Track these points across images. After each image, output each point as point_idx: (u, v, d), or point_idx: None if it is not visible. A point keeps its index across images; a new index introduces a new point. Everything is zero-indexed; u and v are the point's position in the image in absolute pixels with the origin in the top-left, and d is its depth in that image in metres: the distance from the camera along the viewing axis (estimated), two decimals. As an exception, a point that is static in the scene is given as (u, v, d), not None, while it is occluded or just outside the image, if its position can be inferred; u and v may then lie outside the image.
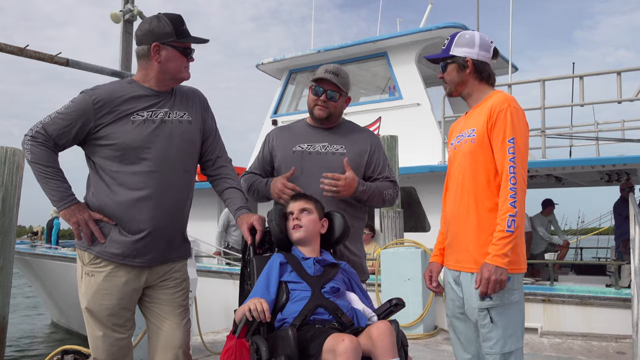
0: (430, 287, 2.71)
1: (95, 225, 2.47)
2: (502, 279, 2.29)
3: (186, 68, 2.60)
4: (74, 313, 12.01)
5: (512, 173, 2.34)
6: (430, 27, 9.29)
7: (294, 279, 2.46)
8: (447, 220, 2.68)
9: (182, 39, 2.54)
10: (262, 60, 11.10)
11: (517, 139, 2.39)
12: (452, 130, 2.79)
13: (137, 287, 2.54)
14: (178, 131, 2.58)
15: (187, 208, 2.70)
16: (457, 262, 2.56)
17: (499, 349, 2.40)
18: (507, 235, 2.31)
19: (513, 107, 2.44)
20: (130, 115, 2.49)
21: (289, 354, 2.12)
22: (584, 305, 6.12)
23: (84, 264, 2.52)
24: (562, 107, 9.05)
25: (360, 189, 2.79)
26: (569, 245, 10.15)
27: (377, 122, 9.87)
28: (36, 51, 3.98)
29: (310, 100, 2.95)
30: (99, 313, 2.49)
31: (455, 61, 2.58)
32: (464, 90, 2.63)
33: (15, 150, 6.34)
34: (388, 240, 7.09)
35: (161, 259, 2.58)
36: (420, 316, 6.14)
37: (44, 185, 2.44)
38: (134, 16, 4.80)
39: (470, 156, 2.52)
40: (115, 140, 2.46)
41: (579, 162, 7.92)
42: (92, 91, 2.50)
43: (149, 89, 2.57)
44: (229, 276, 8.61)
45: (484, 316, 2.42)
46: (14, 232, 6.39)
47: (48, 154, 2.44)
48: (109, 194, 2.48)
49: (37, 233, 15.46)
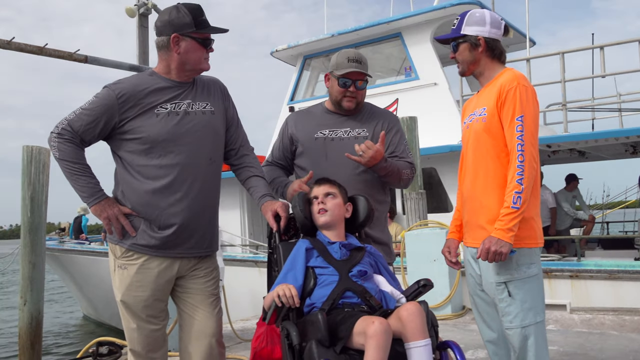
0: (450, 264, 2.75)
1: (125, 220, 2.50)
2: (502, 251, 2.34)
3: (206, 59, 2.60)
4: (104, 306, 12.26)
5: (520, 151, 2.38)
6: (444, 5, 9.17)
7: (320, 263, 2.47)
8: (463, 198, 2.72)
9: (201, 29, 2.53)
10: (276, 47, 11.07)
11: (525, 117, 2.41)
12: (464, 109, 2.80)
13: (169, 278, 2.58)
14: (202, 122, 2.59)
15: (216, 198, 2.71)
16: (475, 239, 2.59)
17: (519, 323, 2.44)
18: (513, 211, 2.35)
19: (522, 85, 2.45)
20: (154, 108, 2.51)
21: (319, 338, 2.14)
22: (612, 279, 6.04)
23: (116, 257, 2.56)
24: (583, 80, 8.90)
25: (382, 164, 2.76)
26: (595, 220, 10.01)
27: (395, 104, 9.80)
28: (55, 49, 4.02)
29: (337, 92, 2.90)
30: (134, 305, 2.52)
31: (467, 40, 2.59)
32: (477, 69, 2.64)
33: (40, 149, 6.44)
34: (412, 222, 7.07)
35: (193, 251, 2.60)
36: (447, 297, 6.15)
37: (74, 182, 2.47)
38: (148, 9, 4.81)
39: (482, 135, 2.54)
40: (141, 134, 2.48)
41: (602, 134, 7.78)
42: (115, 85, 2.52)
43: (170, 80, 2.58)
44: (254, 264, 8.68)
45: (502, 290, 2.46)
46: (43, 229, 6.53)
47: (75, 151, 2.47)
48: (137, 187, 2.51)
49: (65, 229, 15.73)
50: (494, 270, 2.46)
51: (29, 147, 6.48)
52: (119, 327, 12.59)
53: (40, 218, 6.44)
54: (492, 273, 2.47)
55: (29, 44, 3.88)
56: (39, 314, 6.43)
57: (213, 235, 2.72)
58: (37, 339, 6.41)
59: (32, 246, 6.37)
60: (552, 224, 9.08)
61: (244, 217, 11.33)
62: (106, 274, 10.87)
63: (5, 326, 13.95)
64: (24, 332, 6.33)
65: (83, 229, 14.65)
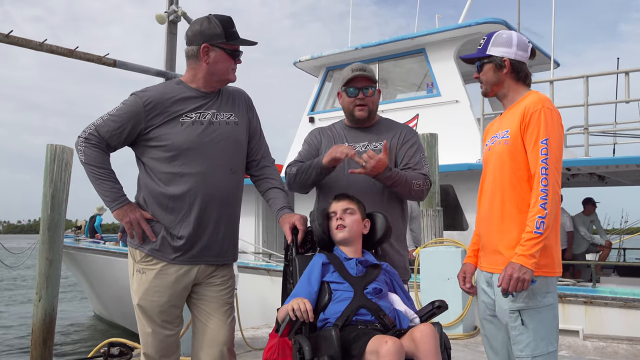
0: (464, 288, 2.70)
1: (146, 225, 2.54)
2: (525, 278, 2.27)
3: (233, 70, 2.64)
4: (116, 306, 12.33)
5: (544, 175, 2.32)
6: (469, 23, 9.19)
7: (336, 279, 2.48)
8: (481, 221, 2.66)
9: (231, 41, 2.57)
10: (299, 57, 11.14)
11: (550, 140, 2.35)
12: (487, 131, 2.76)
13: (186, 285, 2.60)
14: (226, 132, 2.62)
15: (237, 208, 2.72)
16: (490, 264, 2.55)
17: (530, 352, 2.38)
18: (536, 236, 2.29)
19: (547, 108, 2.40)
20: (180, 117, 2.55)
21: (332, 354, 2.14)
22: (628, 307, 5.97)
23: (136, 262, 2.59)
24: (606, 104, 8.83)
25: (387, 174, 2.72)
26: (612, 246, 9.89)
27: (415, 119, 9.81)
28: (85, 53, 4.10)
29: (348, 103, 2.94)
30: (150, 310, 2.55)
31: (492, 61, 2.55)
32: (500, 90, 2.60)
33: (64, 148, 6.55)
34: (428, 239, 7.05)
35: (211, 259, 2.62)
36: (460, 316, 6.10)
37: (98, 186, 2.53)
38: (178, 17, 4.89)
39: (503, 157, 2.50)
40: (166, 141, 2.52)
41: (623, 160, 7.71)
42: (143, 93, 2.56)
43: (197, 90, 2.62)
44: (266, 272, 8.70)
45: (515, 318, 2.40)
46: (62, 228, 6.62)
47: (101, 156, 2.53)
48: (158, 194, 2.55)
49: (81, 227, 15.90)
50: (509, 297, 2.40)
51: (52, 146, 6.60)
52: (130, 328, 12.62)
53: (59, 216, 6.54)
54: (506, 300, 2.41)
55: (60, 46, 3.96)
56: (53, 310, 6.52)
57: (232, 244, 2.74)
58: (49, 335, 6.49)
59: (50, 243, 6.46)
60: (568, 247, 8.99)
61: (259, 225, 11.37)
62: (120, 274, 10.93)
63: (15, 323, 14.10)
64: (37, 327, 6.42)
65: (96, 228, 14.83)
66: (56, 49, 3.94)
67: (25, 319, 13.43)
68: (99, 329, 13.47)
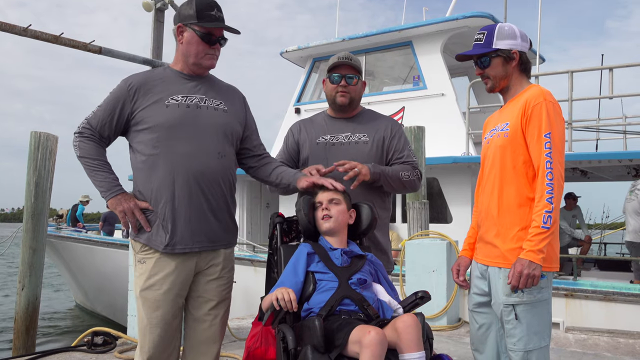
0: (457, 281, 2.71)
1: (141, 214, 2.50)
2: (535, 274, 2.27)
3: (210, 56, 2.60)
4: (98, 296, 12.26)
5: (549, 168, 2.31)
6: (456, 17, 9.19)
7: (321, 269, 2.48)
8: (479, 214, 2.67)
9: (202, 22, 2.54)
10: (286, 48, 11.10)
11: (553, 134, 2.35)
12: (486, 124, 2.76)
13: (187, 274, 2.56)
14: (213, 116, 2.60)
15: (227, 192, 2.65)
16: (486, 256, 2.55)
17: (522, 346, 2.39)
18: (544, 231, 2.28)
19: (549, 102, 2.39)
20: (165, 99, 2.53)
21: (315, 343, 2.15)
22: (607, 301, 6.07)
23: (136, 252, 2.57)
24: (590, 100, 8.92)
25: (373, 170, 2.78)
26: (592, 241, 10.03)
27: (401, 112, 9.84)
28: (70, 39, 4.04)
29: (330, 89, 2.96)
30: (151, 299, 2.50)
31: (500, 54, 2.52)
32: (507, 84, 2.57)
33: (48, 136, 6.48)
34: (413, 231, 7.09)
35: (205, 245, 2.57)
36: (444, 308, 6.16)
37: (92, 177, 2.51)
38: (165, 4, 4.85)
39: (502, 150, 2.49)
40: (150, 123, 2.50)
41: (605, 155, 7.81)
42: (128, 78, 2.59)
43: (181, 72, 2.63)
44: (250, 262, 8.70)
45: (509, 312, 2.41)
46: (46, 216, 6.56)
47: (95, 148, 2.53)
48: (145, 179, 2.53)
49: (62, 216, 15.76)
50: (504, 291, 2.41)
51: (36, 133, 6.53)
52: (110, 318, 12.52)
53: (43, 204, 6.47)
54: (502, 294, 2.42)
55: (45, 32, 3.91)
56: (36, 299, 6.47)
57: (228, 227, 2.68)
58: (32, 324, 6.45)
59: (34, 232, 6.40)
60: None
61: (243, 216, 11.36)
62: (101, 263, 10.87)
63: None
64: (20, 317, 6.38)
65: (78, 217, 14.76)
66: (41, 35, 3.88)
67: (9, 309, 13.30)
68: (81, 319, 13.37)
